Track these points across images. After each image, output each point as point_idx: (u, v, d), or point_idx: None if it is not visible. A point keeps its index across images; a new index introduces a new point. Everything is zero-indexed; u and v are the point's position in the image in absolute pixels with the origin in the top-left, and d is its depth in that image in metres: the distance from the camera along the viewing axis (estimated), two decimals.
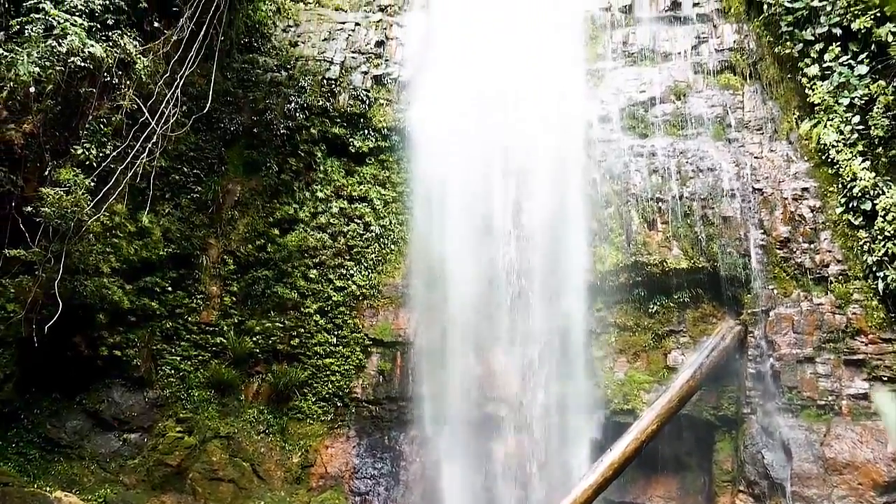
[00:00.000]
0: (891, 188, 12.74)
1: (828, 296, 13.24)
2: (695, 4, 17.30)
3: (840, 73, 13.82)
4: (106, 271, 13.32)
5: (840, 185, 13.55)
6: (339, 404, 14.94)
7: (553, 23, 16.99)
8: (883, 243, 12.56)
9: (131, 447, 13.94)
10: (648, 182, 14.91)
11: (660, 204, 14.69)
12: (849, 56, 13.92)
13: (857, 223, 13.12)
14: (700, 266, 14.15)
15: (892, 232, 12.46)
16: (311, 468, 14.56)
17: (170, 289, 14.70)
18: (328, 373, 14.98)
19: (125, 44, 12.90)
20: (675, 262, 14.22)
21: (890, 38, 13.32)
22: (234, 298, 15.25)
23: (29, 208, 11.68)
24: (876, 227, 12.69)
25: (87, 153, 12.47)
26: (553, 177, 15.28)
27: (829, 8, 14.28)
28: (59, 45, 12.01)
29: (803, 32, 14.54)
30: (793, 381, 12.99)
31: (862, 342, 12.77)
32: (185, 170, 15.05)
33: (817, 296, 13.30)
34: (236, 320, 15.13)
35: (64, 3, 12.55)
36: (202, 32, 14.03)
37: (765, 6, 15.34)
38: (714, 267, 14.07)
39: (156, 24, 13.95)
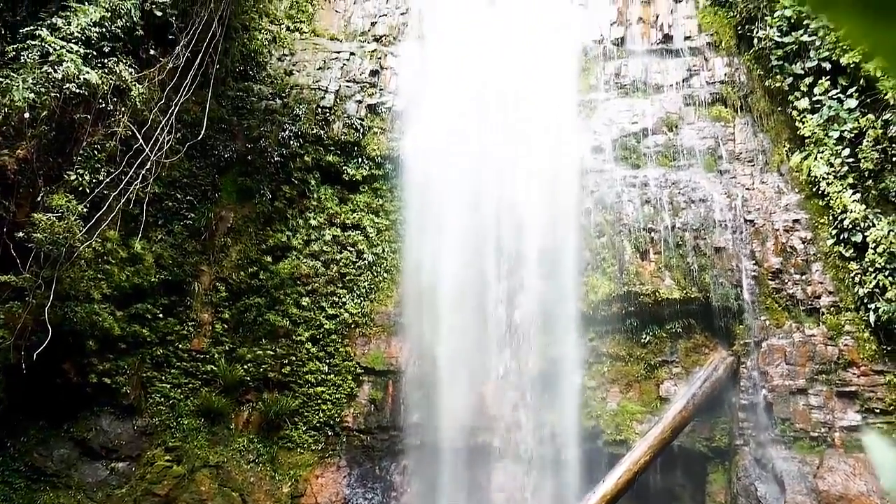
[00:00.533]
0: (881, 220, 12.84)
1: (820, 327, 13.27)
2: (686, 38, 17.56)
3: (829, 107, 14.00)
4: (97, 297, 13.25)
5: (831, 217, 13.66)
6: (329, 433, 14.80)
7: (546, 54, 17.18)
8: (874, 275, 12.63)
9: (119, 476, 13.73)
10: (641, 212, 14.98)
11: (652, 234, 14.74)
12: (838, 90, 14.11)
13: (848, 255, 13.21)
14: (692, 296, 14.17)
15: (882, 264, 12.54)
16: (300, 498, 14.37)
17: (161, 316, 14.59)
18: (319, 401, 14.87)
19: (121, 71, 12.96)
20: (667, 292, 14.24)
21: (878, 73, 13.51)
22: (225, 326, 15.16)
23: (20, 234, 11.65)
24: (867, 259, 12.77)
25: (80, 179, 12.47)
26: (546, 205, 15.33)
27: (818, 43, 14.50)
28: (55, 71, 12.07)
29: (793, 66, 14.75)
30: (785, 412, 12.97)
31: (854, 374, 12.78)
32: (179, 196, 15.02)
33: (809, 327, 13.34)
34: (227, 348, 15.03)
35: (60, 30, 12.64)
36: (198, 60, 14.13)
37: (755, 40, 15.57)
38: (706, 297, 14.09)
39: (152, 52, 14.03)
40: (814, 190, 14.07)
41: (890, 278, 12.47)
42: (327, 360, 15.12)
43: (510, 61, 17.18)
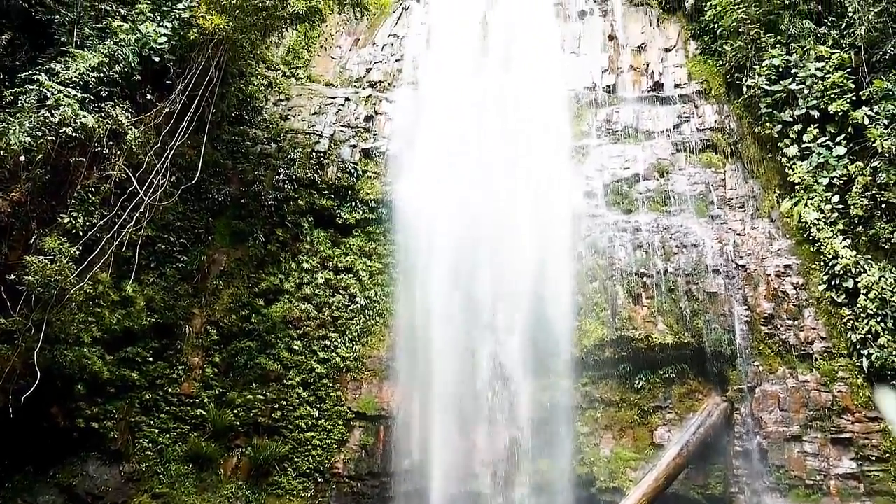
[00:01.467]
0: (872, 266, 12.91)
1: (813, 373, 13.22)
2: (676, 86, 17.86)
3: (819, 154, 14.18)
4: (87, 341, 13.17)
5: (822, 263, 13.73)
6: (319, 480, 14.57)
7: (539, 101, 17.40)
8: (866, 321, 12.64)
9: None
10: (633, 257, 15.03)
11: (644, 279, 14.77)
12: (827, 137, 14.32)
13: (840, 301, 13.24)
14: (685, 341, 14.13)
15: (874, 310, 12.56)
16: None
17: (151, 359, 14.46)
18: (309, 447, 14.67)
19: (117, 115, 13.11)
20: (660, 337, 14.21)
21: (866, 121, 13.72)
22: (216, 370, 15.03)
23: (12, 276, 11.62)
24: (859, 305, 12.80)
25: (73, 222, 12.51)
26: (539, 249, 15.36)
27: (806, 91, 14.75)
28: (52, 115, 12.21)
29: (782, 114, 14.98)
30: (780, 459, 12.84)
31: (849, 420, 12.69)
32: (172, 239, 15.02)
33: (802, 373, 13.29)
34: (217, 392, 14.88)
35: (59, 75, 12.81)
36: (194, 105, 14.28)
37: (744, 88, 15.83)
38: (699, 342, 14.06)
39: (148, 97, 14.21)
40: (805, 236, 14.17)
41: (882, 324, 12.49)
42: (318, 405, 14.97)
43: (503, 108, 17.40)
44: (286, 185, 16.24)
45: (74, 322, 12.86)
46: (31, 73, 12.72)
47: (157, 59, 14.22)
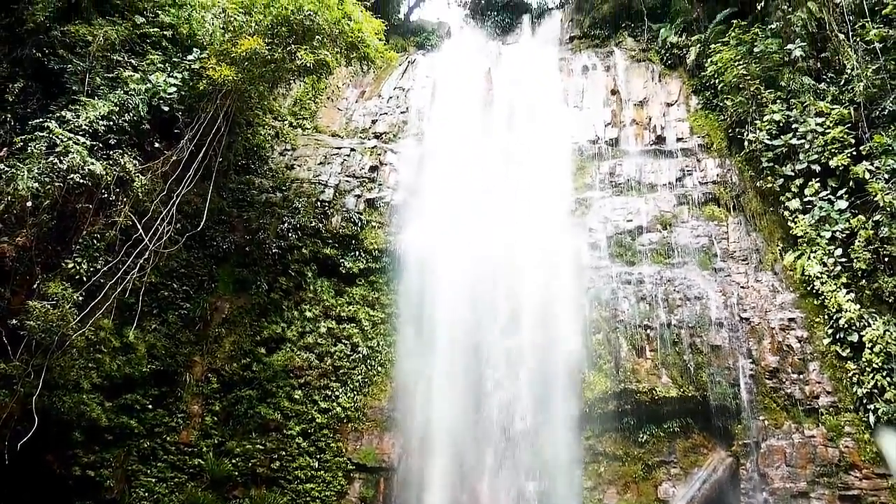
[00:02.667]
0: (876, 320, 12.85)
1: (819, 428, 13.06)
2: (678, 139, 18.11)
3: (820, 208, 14.27)
4: (86, 387, 13.04)
5: (826, 317, 13.69)
6: None
7: (543, 154, 17.62)
8: (872, 375, 12.53)
9: None
10: (636, 309, 14.99)
11: (648, 331, 14.70)
12: (828, 191, 14.43)
13: (844, 354, 13.16)
14: (689, 395, 13.99)
15: (879, 364, 12.47)
16: None
17: (150, 406, 14.30)
18: (308, 499, 14.39)
19: (125, 162, 13.26)
20: (664, 390, 14.07)
21: (867, 176, 13.82)
22: (215, 418, 14.86)
23: (14, 321, 11.60)
24: (864, 359, 12.71)
25: (77, 267, 12.54)
26: (542, 301, 15.34)
27: (807, 146, 14.90)
28: (60, 162, 12.34)
29: (783, 168, 15.12)
30: None
31: (856, 477, 12.49)
32: (175, 286, 15.02)
33: (809, 428, 13.12)
34: (216, 441, 14.68)
35: (69, 122, 12.99)
36: (201, 154, 14.45)
37: (745, 143, 16.02)
38: (704, 396, 13.91)
39: (157, 145, 14.38)
40: (808, 289, 14.15)
41: (888, 378, 12.38)
42: (318, 456, 14.75)
43: (507, 160, 17.61)
44: (290, 234, 16.32)
45: (74, 368, 12.76)
46: (41, 120, 12.91)
47: (166, 109, 14.44)
